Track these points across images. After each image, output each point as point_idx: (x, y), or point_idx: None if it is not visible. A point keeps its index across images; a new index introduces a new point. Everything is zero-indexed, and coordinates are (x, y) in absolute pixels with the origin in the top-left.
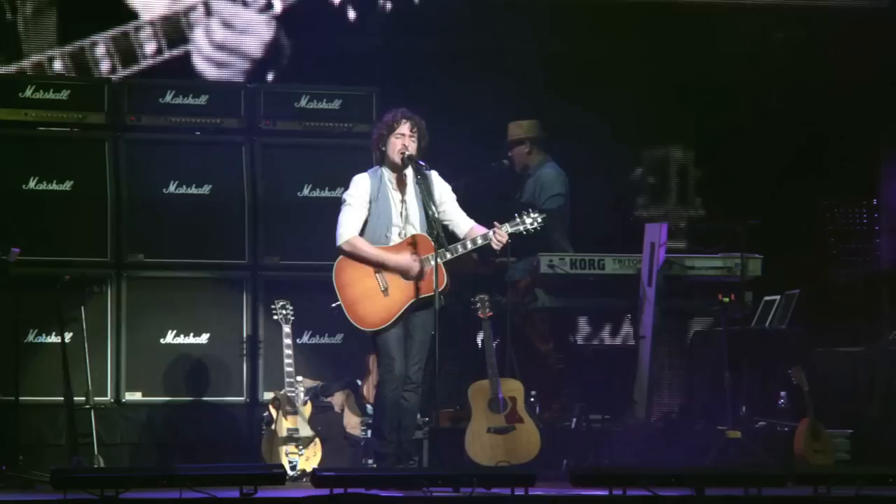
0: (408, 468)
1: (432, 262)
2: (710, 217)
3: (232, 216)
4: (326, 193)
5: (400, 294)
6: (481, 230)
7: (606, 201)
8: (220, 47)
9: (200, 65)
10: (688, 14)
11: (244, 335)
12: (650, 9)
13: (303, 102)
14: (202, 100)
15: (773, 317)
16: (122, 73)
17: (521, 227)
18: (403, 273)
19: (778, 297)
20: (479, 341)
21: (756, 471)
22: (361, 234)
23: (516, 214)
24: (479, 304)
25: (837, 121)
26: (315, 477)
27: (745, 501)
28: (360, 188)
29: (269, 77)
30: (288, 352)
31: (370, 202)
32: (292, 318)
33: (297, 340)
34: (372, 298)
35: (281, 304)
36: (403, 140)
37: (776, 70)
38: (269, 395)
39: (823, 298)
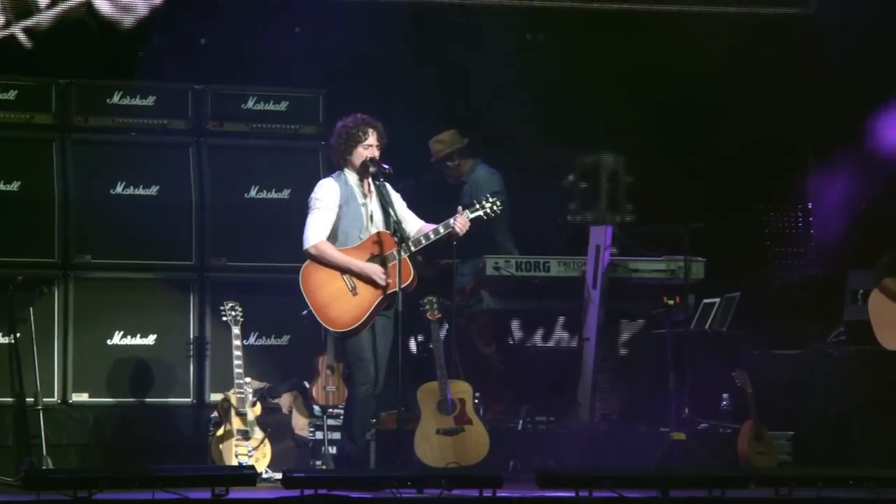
0: (377, 469)
1: (396, 258)
2: (641, 221)
3: (179, 217)
4: (273, 195)
5: (369, 293)
6: (430, 227)
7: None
8: None
9: (102, 6)
10: (621, 22)
11: (191, 336)
12: (582, 17)
13: (250, 104)
14: (149, 101)
15: (713, 319)
16: (16, 27)
17: (482, 212)
18: (370, 281)
19: (717, 300)
20: (412, 345)
21: (720, 472)
22: (334, 238)
23: (475, 201)
24: (427, 307)
25: (771, 126)
26: (286, 478)
27: (709, 503)
28: (328, 193)
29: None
30: (237, 353)
31: (340, 207)
32: (241, 319)
33: (244, 342)
34: (341, 299)
35: (230, 305)
36: (371, 150)
37: (709, 77)
38: (216, 397)
39: (760, 301)
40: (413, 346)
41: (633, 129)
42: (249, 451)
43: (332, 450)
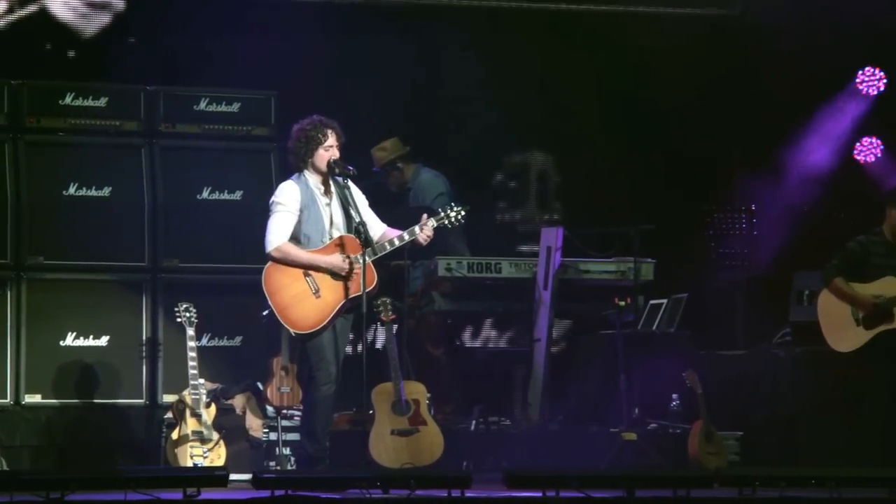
0: (346, 470)
1: (360, 262)
2: (568, 221)
3: (132, 218)
4: (226, 196)
5: (332, 295)
6: (394, 233)
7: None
8: None
9: (59, 11)
10: (547, 21)
11: (143, 337)
12: (509, 15)
13: (202, 105)
14: (102, 102)
15: (661, 320)
16: None
17: (446, 221)
18: (335, 272)
19: (664, 301)
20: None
21: (685, 473)
22: (296, 242)
23: (440, 209)
24: (381, 308)
25: (705, 127)
26: (256, 479)
27: (674, 502)
28: (290, 195)
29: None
30: (192, 354)
31: (301, 210)
32: (196, 320)
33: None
34: (304, 301)
35: (185, 306)
36: (332, 151)
37: (636, 76)
38: (169, 398)
39: (706, 302)
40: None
41: (561, 129)
42: (204, 453)
43: (287, 451)
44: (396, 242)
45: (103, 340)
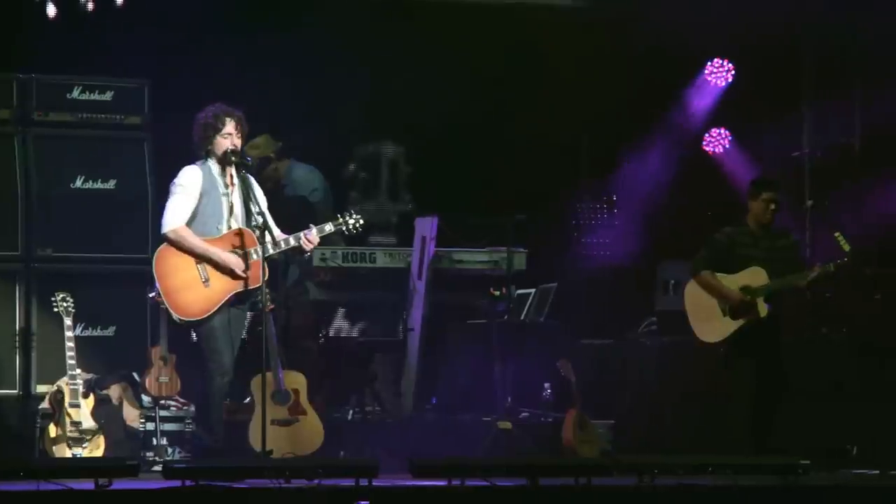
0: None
1: (254, 256)
2: (421, 212)
3: (5, 208)
4: (99, 185)
5: (221, 285)
6: (283, 237)
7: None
8: None
9: None
10: (400, 11)
11: (17, 327)
12: (363, 4)
13: (75, 94)
14: None
15: (529, 309)
16: None
17: (344, 227)
18: (229, 272)
19: (532, 291)
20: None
21: (586, 461)
22: (191, 225)
23: (339, 215)
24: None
25: (556, 118)
26: (167, 469)
27: (575, 490)
28: (191, 179)
29: None
30: (70, 344)
31: (201, 195)
32: (73, 310)
33: None
34: (193, 288)
35: (62, 296)
36: (231, 139)
37: (492, 67)
38: (42, 388)
39: (571, 292)
40: None
41: (413, 119)
42: (83, 444)
43: (164, 440)
44: (283, 245)
45: None
